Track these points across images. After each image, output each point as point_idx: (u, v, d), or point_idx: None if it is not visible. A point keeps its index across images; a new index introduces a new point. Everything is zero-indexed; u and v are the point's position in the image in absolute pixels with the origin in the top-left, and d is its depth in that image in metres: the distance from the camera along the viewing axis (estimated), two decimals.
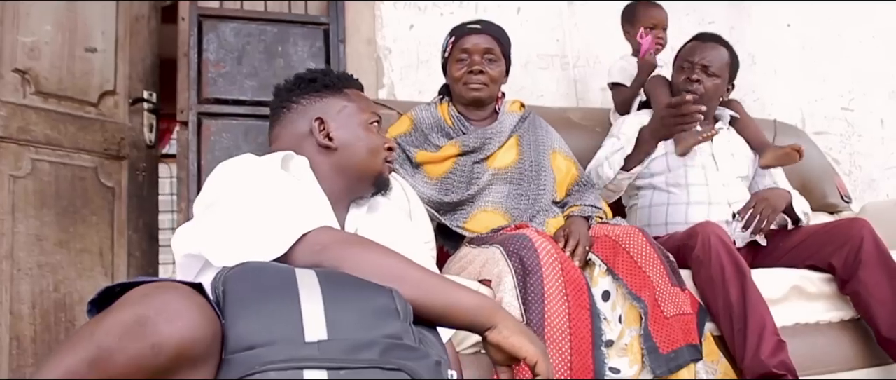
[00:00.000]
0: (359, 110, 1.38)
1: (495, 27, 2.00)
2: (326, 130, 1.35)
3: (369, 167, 1.36)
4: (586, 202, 1.89)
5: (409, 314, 0.97)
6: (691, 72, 2.21)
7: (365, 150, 1.36)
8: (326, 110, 1.37)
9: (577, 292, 1.56)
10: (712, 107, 2.29)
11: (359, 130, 1.37)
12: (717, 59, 2.23)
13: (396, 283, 1.01)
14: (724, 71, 2.24)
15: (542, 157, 1.94)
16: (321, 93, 1.39)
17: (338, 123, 1.36)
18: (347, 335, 0.90)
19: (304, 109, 1.38)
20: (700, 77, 2.20)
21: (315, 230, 1.08)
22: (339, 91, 1.40)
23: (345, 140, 1.35)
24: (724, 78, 2.26)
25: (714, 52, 2.24)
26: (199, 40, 2.38)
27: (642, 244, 1.65)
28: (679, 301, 1.64)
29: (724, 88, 2.28)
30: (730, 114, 2.36)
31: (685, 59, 2.26)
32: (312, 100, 1.38)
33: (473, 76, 1.92)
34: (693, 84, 2.20)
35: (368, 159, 1.36)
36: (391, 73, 2.61)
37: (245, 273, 0.96)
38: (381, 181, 1.39)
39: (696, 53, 2.24)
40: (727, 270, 1.80)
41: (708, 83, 2.21)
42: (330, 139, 1.34)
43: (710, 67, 2.21)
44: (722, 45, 2.27)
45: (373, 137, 1.37)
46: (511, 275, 1.54)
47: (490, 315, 1.03)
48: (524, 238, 1.58)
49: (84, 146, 2.50)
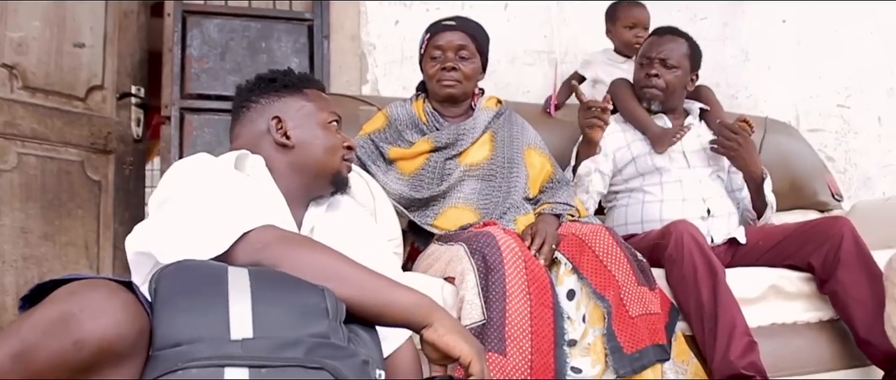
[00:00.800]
0: (317, 110, 1.39)
1: (471, 24, 1.99)
2: (284, 129, 1.36)
3: (326, 166, 1.37)
4: (559, 200, 1.88)
5: (339, 313, 0.97)
6: (650, 67, 2.21)
7: (322, 148, 1.36)
8: (285, 109, 1.38)
9: (541, 290, 1.55)
10: (678, 98, 2.28)
11: (316, 129, 1.37)
12: (675, 51, 2.22)
13: (332, 281, 1.01)
14: (683, 62, 2.23)
15: (516, 153, 1.93)
16: (280, 92, 1.40)
17: (295, 122, 1.37)
18: (273, 334, 0.90)
19: (262, 108, 1.39)
20: (659, 71, 2.20)
21: (257, 229, 1.09)
22: (298, 91, 1.41)
23: (302, 139, 1.36)
24: (685, 69, 2.24)
25: (671, 44, 2.23)
26: (183, 36, 2.40)
27: (608, 243, 1.64)
28: (646, 301, 1.63)
29: (686, 79, 2.26)
30: (699, 106, 2.34)
31: (643, 55, 2.26)
32: (271, 99, 1.39)
33: (446, 73, 1.92)
34: (652, 79, 2.20)
35: (325, 158, 1.37)
36: (375, 69, 2.61)
37: (177, 271, 0.96)
38: (339, 180, 1.40)
39: (654, 48, 2.23)
40: (699, 269, 1.79)
41: (668, 76, 2.21)
42: (287, 138, 1.36)
43: (668, 60, 2.20)
44: (680, 37, 2.26)
45: (330, 136, 1.38)
46: (473, 273, 1.54)
47: (426, 314, 1.03)
48: (488, 236, 1.57)
49: (71, 140, 2.53)
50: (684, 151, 2.19)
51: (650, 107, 2.25)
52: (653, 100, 2.23)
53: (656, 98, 2.22)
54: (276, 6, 2.55)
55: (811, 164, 2.86)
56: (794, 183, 2.79)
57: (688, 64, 2.24)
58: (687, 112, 2.33)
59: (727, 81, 3.15)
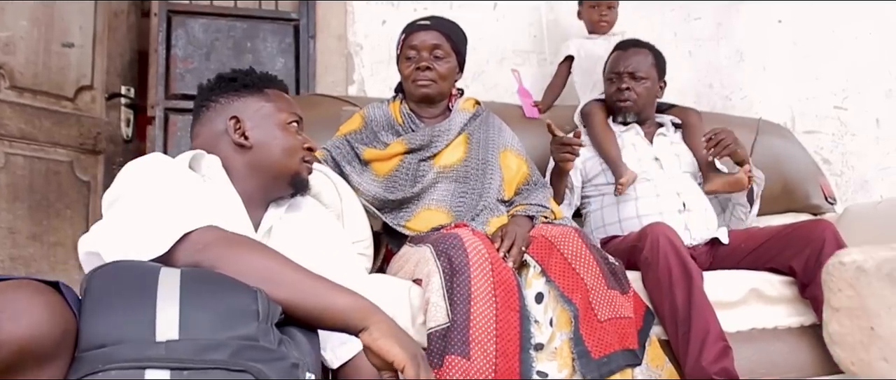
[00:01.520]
0: (277, 110, 1.39)
1: (446, 23, 1.98)
2: (242, 129, 1.36)
3: (284, 167, 1.36)
4: (533, 201, 1.86)
5: (271, 316, 0.96)
6: (620, 81, 2.28)
7: (280, 149, 1.36)
8: (243, 109, 1.38)
9: (507, 293, 1.53)
10: (650, 108, 2.35)
11: (275, 129, 1.37)
12: (642, 63, 2.29)
13: (268, 284, 1.01)
14: (651, 72, 2.30)
15: (491, 155, 1.92)
16: (240, 92, 1.39)
17: (254, 123, 1.37)
18: (199, 336, 0.89)
19: (222, 108, 1.39)
20: (629, 84, 2.27)
21: (199, 230, 1.08)
22: (258, 91, 1.40)
23: (260, 139, 1.36)
24: (653, 79, 2.31)
25: (637, 57, 2.29)
26: (168, 36, 2.41)
27: (577, 245, 1.61)
28: (616, 305, 1.60)
29: (656, 88, 2.33)
30: (671, 120, 2.39)
31: (611, 71, 2.33)
32: (231, 99, 1.39)
33: (421, 73, 1.91)
34: (624, 92, 2.26)
35: (283, 159, 1.36)
36: (362, 69, 2.60)
37: (107, 272, 0.96)
38: (298, 182, 1.39)
39: (620, 63, 2.30)
40: (674, 272, 1.77)
41: (638, 88, 2.28)
42: (245, 138, 1.35)
43: (636, 73, 2.28)
44: (643, 48, 2.32)
45: (289, 137, 1.38)
46: (439, 275, 1.52)
47: (362, 317, 1.02)
48: (455, 237, 1.56)
49: (59, 141, 2.55)
50: (656, 156, 2.21)
51: (625, 119, 2.31)
52: (627, 112, 2.29)
53: (630, 110, 2.29)
54: (262, 6, 2.55)
55: (804, 166, 2.82)
56: (787, 186, 2.75)
57: (655, 73, 2.31)
58: (660, 124, 2.37)
59: (721, 82, 3.11)
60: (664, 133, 2.34)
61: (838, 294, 0.84)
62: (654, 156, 2.23)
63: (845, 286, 0.81)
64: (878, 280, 0.77)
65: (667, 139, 2.32)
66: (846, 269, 0.80)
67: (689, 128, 2.37)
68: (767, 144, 2.80)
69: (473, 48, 2.76)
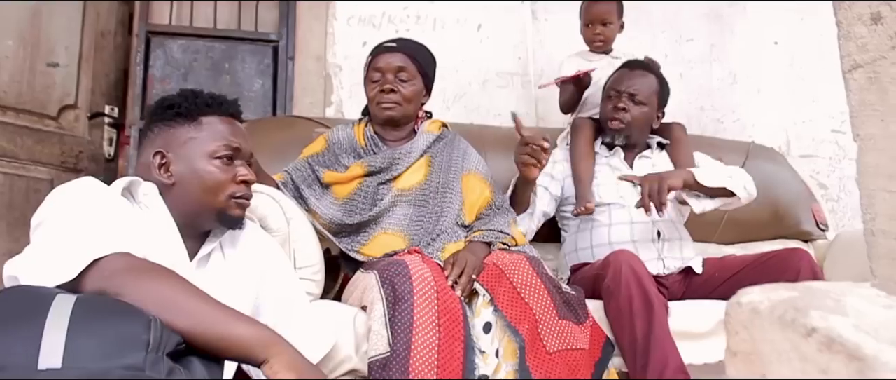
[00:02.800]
0: (206, 142, 1.33)
1: (413, 45, 1.96)
2: (166, 163, 1.32)
3: (206, 205, 1.32)
4: (493, 227, 1.82)
5: (166, 345, 0.95)
6: (618, 100, 2.18)
7: (201, 187, 1.31)
8: (171, 142, 1.33)
9: (452, 322, 1.50)
10: (641, 134, 2.25)
11: (200, 163, 1.32)
12: (645, 87, 2.19)
13: (169, 312, 1.00)
14: (652, 99, 2.20)
15: (452, 178, 1.89)
16: (172, 122, 1.35)
17: (179, 156, 1.32)
18: (84, 364, 0.88)
19: (153, 138, 1.36)
20: (626, 105, 2.17)
21: (109, 256, 1.07)
22: (192, 119, 1.35)
23: (182, 175, 1.32)
24: (653, 105, 2.21)
25: (641, 80, 2.20)
26: (146, 56, 2.42)
27: (527, 274, 1.57)
28: (568, 336, 1.56)
29: (653, 115, 2.24)
30: (657, 141, 2.29)
31: (612, 88, 2.22)
32: (162, 129, 1.35)
33: (385, 95, 1.89)
34: (619, 112, 2.17)
35: (204, 197, 1.31)
36: (340, 91, 2.60)
37: (3, 297, 0.95)
38: (226, 219, 1.34)
39: (623, 82, 2.20)
40: (635, 302, 1.71)
41: (635, 111, 2.18)
42: (169, 174, 1.32)
43: (636, 95, 2.18)
44: (650, 73, 2.23)
45: (214, 173, 1.32)
46: (382, 302, 1.50)
47: (263, 349, 1.01)
48: (400, 265, 1.53)
49: (40, 159, 2.56)
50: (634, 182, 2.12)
51: (614, 141, 2.22)
52: (617, 134, 2.20)
53: (621, 132, 2.19)
54: (241, 27, 2.56)
55: (796, 191, 2.74)
56: (777, 211, 2.68)
57: (656, 101, 2.22)
58: (647, 144, 2.29)
59: (713, 105, 3.06)
60: (648, 156, 2.25)
61: (735, 337, 0.79)
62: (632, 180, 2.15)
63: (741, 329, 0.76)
64: (770, 324, 0.72)
65: (649, 162, 2.23)
66: (742, 310, 0.76)
67: (673, 143, 2.29)
68: (757, 169, 2.72)
69: (456, 70, 2.76)
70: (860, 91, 0.89)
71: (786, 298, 0.73)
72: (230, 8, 2.56)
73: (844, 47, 0.92)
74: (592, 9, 2.46)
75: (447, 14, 2.71)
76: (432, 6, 2.69)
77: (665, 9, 3.04)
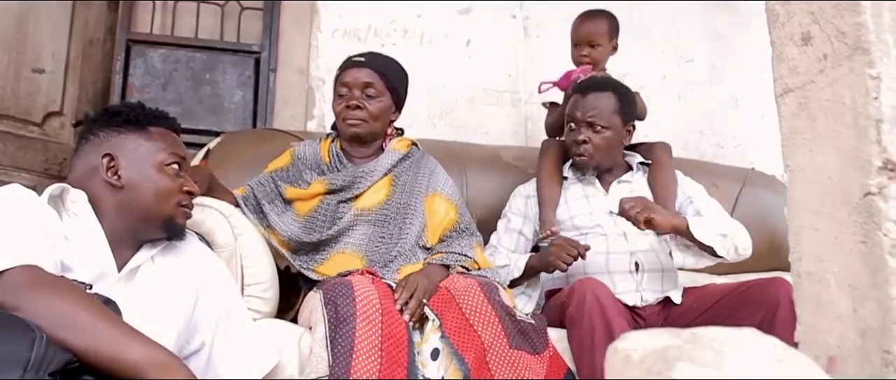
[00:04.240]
0: (156, 150, 1.36)
1: (382, 60, 1.91)
2: (115, 167, 1.32)
3: (155, 211, 1.32)
4: (453, 249, 1.75)
5: (50, 363, 0.91)
6: (578, 132, 2.04)
7: (151, 192, 1.32)
8: (120, 147, 1.34)
9: (396, 347, 1.43)
10: (613, 156, 2.11)
11: (150, 170, 1.34)
12: (603, 110, 2.02)
13: (64, 329, 0.98)
14: (613, 120, 2.03)
15: (415, 199, 1.82)
16: (121, 128, 1.36)
17: (129, 161, 1.33)
18: None
19: (99, 143, 1.36)
20: (586, 136, 2.02)
21: (14, 269, 1.04)
22: (141, 128, 1.37)
23: (132, 180, 1.32)
24: (616, 126, 2.04)
25: (596, 101, 2.03)
26: (126, 65, 2.41)
27: (478, 300, 1.50)
28: (519, 365, 1.48)
29: (621, 134, 2.07)
30: (638, 162, 2.17)
31: (570, 117, 2.07)
32: (110, 134, 1.36)
33: (350, 112, 1.84)
34: (581, 146, 2.03)
35: (154, 203, 1.32)
36: (323, 105, 2.55)
37: None
38: (171, 227, 1.35)
39: (578, 109, 2.04)
40: (597, 333, 1.62)
41: (596, 139, 2.02)
42: (117, 177, 1.31)
43: (595, 122, 2.02)
44: (604, 91, 2.06)
45: (165, 180, 1.34)
46: (323, 324, 1.44)
47: (157, 371, 0.98)
48: (345, 286, 1.47)
49: (23, 165, 2.56)
50: (611, 210, 2.02)
51: (584, 173, 2.11)
52: (584, 167, 2.08)
53: (588, 165, 2.07)
54: (224, 38, 2.54)
55: None
56: (774, 242, 2.56)
57: (618, 120, 2.05)
58: (629, 165, 2.17)
59: (712, 129, 2.96)
60: (627, 180, 2.12)
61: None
62: (608, 209, 2.03)
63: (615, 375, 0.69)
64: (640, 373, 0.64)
65: (628, 187, 2.10)
66: (618, 357, 0.68)
67: (654, 164, 2.17)
68: (754, 197, 2.63)
69: (443, 86, 2.71)
70: (791, 117, 0.82)
71: (662, 347, 0.65)
72: (214, 17, 2.54)
73: (777, 69, 0.85)
74: (580, 29, 2.33)
75: (435, 29, 2.66)
76: (420, 20, 2.64)
77: (664, 27, 2.95)
